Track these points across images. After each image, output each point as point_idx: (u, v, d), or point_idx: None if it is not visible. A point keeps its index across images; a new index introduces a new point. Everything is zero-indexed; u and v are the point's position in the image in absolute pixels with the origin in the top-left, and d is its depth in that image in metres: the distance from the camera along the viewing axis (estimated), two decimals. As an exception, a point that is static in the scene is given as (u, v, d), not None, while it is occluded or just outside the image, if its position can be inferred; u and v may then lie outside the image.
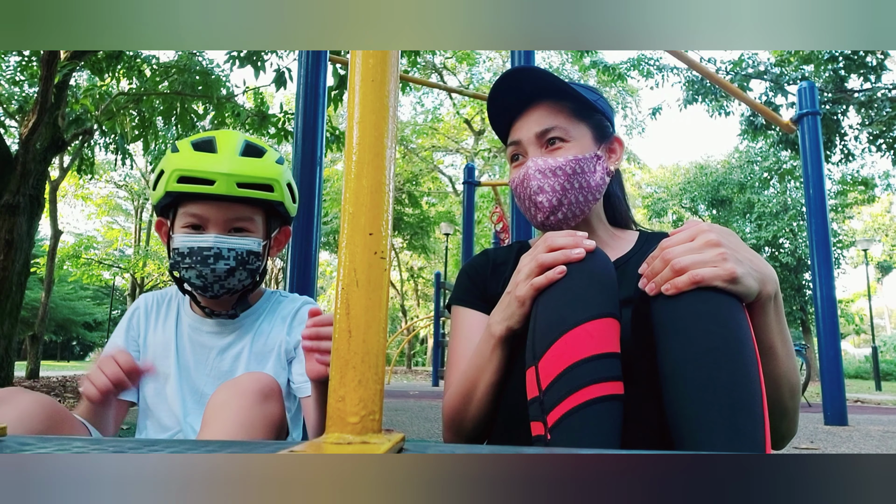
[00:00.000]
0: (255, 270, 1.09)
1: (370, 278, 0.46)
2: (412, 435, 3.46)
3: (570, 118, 1.01)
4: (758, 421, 0.66)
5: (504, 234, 8.69)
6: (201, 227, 1.05)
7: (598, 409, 0.70)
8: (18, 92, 8.48)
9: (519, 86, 1.02)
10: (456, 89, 6.27)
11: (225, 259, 1.03)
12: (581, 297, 0.76)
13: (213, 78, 7.67)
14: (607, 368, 0.72)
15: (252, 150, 1.07)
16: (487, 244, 19.18)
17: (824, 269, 4.74)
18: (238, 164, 1.03)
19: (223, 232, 1.04)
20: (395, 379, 14.07)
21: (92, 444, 0.49)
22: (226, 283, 1.05)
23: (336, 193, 17.53)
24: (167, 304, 1.19)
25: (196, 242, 1.03)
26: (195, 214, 1.04)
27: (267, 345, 1.14)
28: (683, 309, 0.72)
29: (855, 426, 4.68)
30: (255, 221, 1.08)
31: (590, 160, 1.00)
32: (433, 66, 17.43)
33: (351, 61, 0.51)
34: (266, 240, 1.11)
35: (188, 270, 1.04)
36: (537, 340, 0.76)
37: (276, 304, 1.19)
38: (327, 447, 0.42)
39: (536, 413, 0.73)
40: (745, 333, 0.70)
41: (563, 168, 0.98)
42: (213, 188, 1.00)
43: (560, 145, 1.00)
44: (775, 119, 5.41)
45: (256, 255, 1.08)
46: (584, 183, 0.99)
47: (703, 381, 0.67)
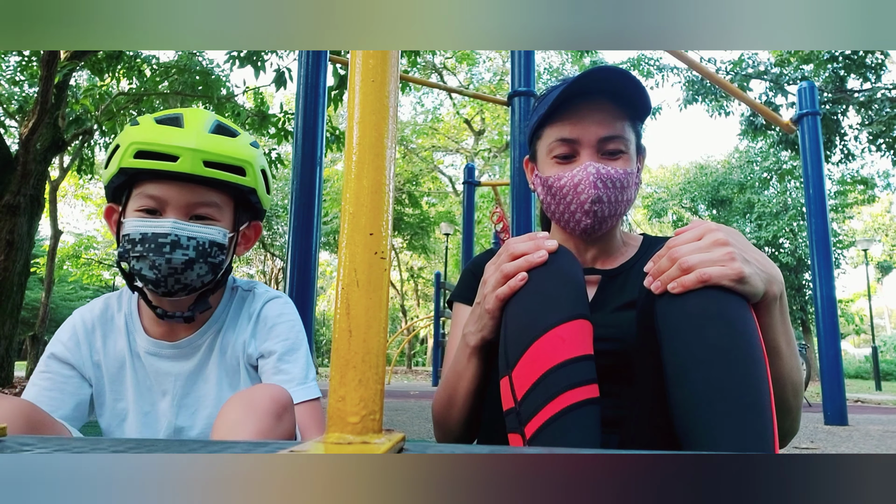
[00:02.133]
0: (218, 265, 0.94)
1: (370, 278, 0.46)
2: (412, 435, 3.47)
3: (627, 126, 0.98)
4: (767, 420, 0.65)
5: (504, 234, 8.69)
6: (158, 212, 0.90)
7: (575, 416, 0.69)
8: (18, 92, 8.48)
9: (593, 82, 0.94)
10: (456, 89, 6.27)
11: (183, 248, 0.88)
12: (550, 299, 0.75)
13: (213, 78, 7.67)
14: (582, 372, 0.72)
15: (223, 129, 0.94)
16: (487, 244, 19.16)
17: (824, 269, 4.74)
18: (207, 141, 0.90)
19: (183, 217, 0.90)
20: (396, 379, 14.08)
21: (92, 444, 0.49)
22: (182, 278, 0.90)
23: (336, 193, 17.54)
24: (111, 323, 1.01)
25: (150, 228, 0.88)
26: (152, 196, 0.90)
27: (234, 356, 1.01)
28: (690, 308, 0.71)
29: (855, 426, 4.68)
30: (221, 209, 0.94)
31: (634, 174, 0.99)
32: (433, 66, 17.43)
33: (351, 61, 0.51)
34: (233, 232, 0.96)
35: (139, 260, 0.88)
36: (509, 348, 0.75)
37: (240, 304, 1.04)
38: (327, 447, 0.42)
39: (514, 425, 0.72)
40: (753, 332, 0.69)
41: (621, 181, 0.95)
42: (177, 165, 0.87)
43: (619, 156, 0.96)
44: (775, 119, 5.41)
45: (220, 247, 0.93)
46: (628, 197, 0.97)
47: (710, 380, 0.67)
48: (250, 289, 1.06)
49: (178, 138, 0.88)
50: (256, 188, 0.96)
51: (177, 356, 0.99)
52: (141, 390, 0.99)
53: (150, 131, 0.89)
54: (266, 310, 1.02)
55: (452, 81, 18.75)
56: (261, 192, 0.98)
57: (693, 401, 0.67)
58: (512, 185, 3.58)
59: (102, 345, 0.99)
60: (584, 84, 0.95)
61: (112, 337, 1.00)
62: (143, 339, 0.99)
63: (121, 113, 7.91)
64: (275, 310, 1.02)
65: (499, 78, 19.16)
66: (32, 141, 6.21)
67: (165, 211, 0.90)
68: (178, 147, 0.88)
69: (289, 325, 1.01)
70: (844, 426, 4.58)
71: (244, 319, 1.02)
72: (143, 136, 0.88)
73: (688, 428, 0.68)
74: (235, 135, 0.95)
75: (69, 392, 0.96)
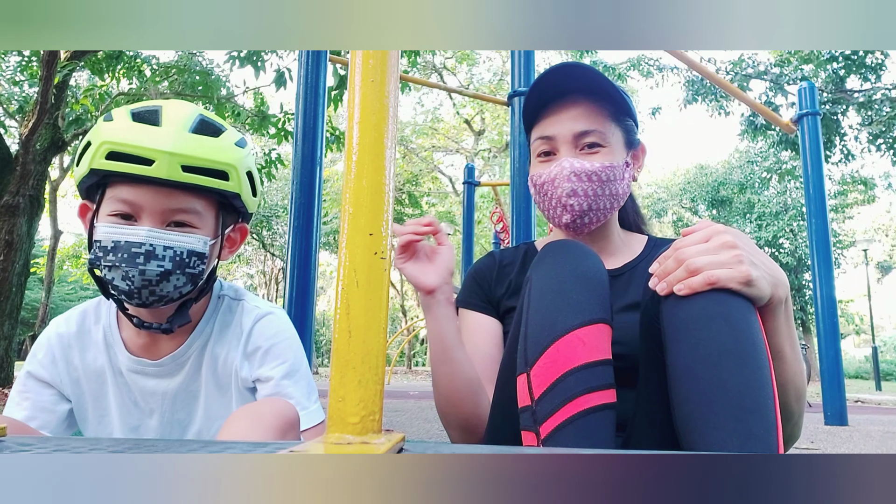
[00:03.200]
0: (198, 276, 0.87)
1: (370, 278, 0.46)
2: (412, 435, 3.47)
3: (608, 121, 0.99)
4: (770, 425, 0.65)
5: (504, 234, 8.69)
6: (133, 218, 0.83)
7: (591, 420, 0.69)
8: (18, 92, 8.48)
9: (562, 79, 0.99)
10: (456, 89, 6.27)
11: (159, 259, 0.82)
12: (573, 302, 0.75)
13: (213, 78, 7.67)
14: (600, 376, 0.72)
15: (206, 126, 0.86)
16: (487, 244, 19.15)
17: (824, 270, 4.74)
18: (186, 143, 0.82)
19: (159, 225, 0.83)
20: (396, 379, 14.07)
21: (92, 444, 0.49)
22: (158, 290, 0.83)
23: (336, 193, 17.53)
24: (87, 337, 0.95)
25: (124, 236, 0.82)
26: (126, 200, 0.83)
27: (224, 372, 0.95)
28: (695, 311, 0.71)
29: (855, 426, 4.68)
30: (201, 215, 0.87)
31: (620, 168, 0.99)
32: (433, 66, 17.43)
33: (351, 61, 0.51)
34: (215, 238, 0.90)
35: (112, 270, 0.82)
36: (529, 346, 0.75)
37: (227, 314, 0.97)
38: (327, 447, 0.42)
39: (528, 423, 0.73)
40: (758, 336, 0.69)
41: (598, 174, 0.97)
42: (151, 169, 0.80)
43: (597, 150, 0.98)
44: (775, 119, 5.41)
45: (200, 256, 0.86)
46: (613, 190, 0.98)
47: (714, 383, 0.66)
48: (238, 298, 0.99)
49: (154, 139, 0.81)
50: (241, 193, 0.89)
51: (161, 374, 0.93)
52: (126, 406, 0.94)
53: (124, 130, 0.81)
54: (258, 330, 0.95)
55: (452, 81, 18.76)
56: (245, 196, 0.91)
57: (695, 403, 0.67)
58: (512, 186, 3.58)
59: (81, 361, 0.94)
60: (555, 82, 0.99)
61: (91, 352, 0.94)
62: (123, 356, 0.93)
63: (121, 113, 7.91)
64: (268, 330, 0.95)
65: (499, 78, 19.17)
66: (32, 141, 6.21)
67: (140, 217, 0.83)
68: (153, 150, 0.80)
69: (286, 346, 0.95)
70: (844, 426, 4.58)
71: (233, 333, 0.95)
72: (116, 136, 0.81)
73: (690, 430, 0.67)
74: (219, 133, 0.87)
75: (52, 410, 0.93)
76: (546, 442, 0.70)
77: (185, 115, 0.85)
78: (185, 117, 0.85)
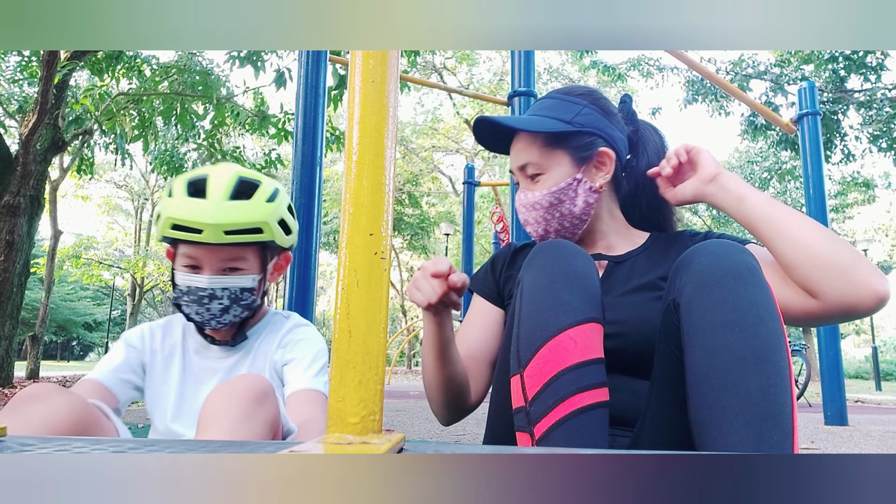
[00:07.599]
0: (250, 304, 1.14)
1: (370, 278, 0.46)
2: (412, 435, 3.47)
3: (542, 150, 1.04)
4: (786, 432, 0.65)
5: (504, 234, 8.69)
6: (198, 267, 1.10)
7: (584, 419, 0.70)
8: (18, 92, 8.48)
9: (494, 129, 1.09)
10: (456, 89, 6.27)
11: (219, 299, 1.09)
12: (564, 302, 0.76)
13: (212, 78, 7.67)
14: (592, 375, 0.73)
15: (244, 188, 1.09)
16: (487, 244, 19.16)
17: (824, 269, 4.73)
18: (225, 212, 1.05)
19: (216, 273, 1.09)
20: (396, 379, 14.07)
21: (92, 444, 0.49)
22: (222, 320, 1.11)
23: (336, 193, 17.53)
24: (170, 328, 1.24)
25: (193, 282, 1.09)
26: (190, 255, 1.10)
27: (264, 362, 1.20)
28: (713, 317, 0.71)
29: (855, 426, 4.68)
30: (247, 259, 1.12)
31: (567, 188, 1.02)
32: (433, 66, 17.43)
33: (351, 61, 0.51)
34: (261, 273, 1.16)
35: (186, 307, 1.11)
36: (521, 347, 0.76)
37: (276, 325, 1.24)
38: (327, 447, 0.42)
39: (523, 423, 0.74)
40: (778, 342, 0.70)
41: (540, 203, 1.03)
42: (202, 236, 1.05)
43: (538, 179, 1.04)
44: (775, 119, 5.41)
45: (251, 290, 1.13)
46: (564, 211, 1.03)
47: (729, 389, 0.67)
48: (286, 315, 1.27)
49: (202, 213, 1.04)
50: (274, 239, 1.12)
51: (219, 357, 1.20)
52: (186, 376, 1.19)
53: (180, 207, 1.06)
54: (293, 330, 1.22)
55: (452, 81, 18.75)
56: (279, 239, 1.13)
57: (710, 407, 0.68)
58: (512, 186, 3.58)
59: (161, 341, 1.22)
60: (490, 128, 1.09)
61: (170, 337, 1.22)
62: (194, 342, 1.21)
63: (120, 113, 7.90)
64: (303, 332, 1.21)
65: (499, 78, 19.16)
66: (32, 141, 6.21)
67: (203, 267, 1.09)
68: (200, 223, 1.04)
69: (312, 343, 1.19)
70: (844, 426, 4.58)
71: (276, 333, 1.22)
72: (175, 212, 1.06)
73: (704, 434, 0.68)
74: (253, 192, 1.09)
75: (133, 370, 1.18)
76: (540, 443, 0.71)
77: (225, 184, 1.07)
78: (226, 186, 1.07)
